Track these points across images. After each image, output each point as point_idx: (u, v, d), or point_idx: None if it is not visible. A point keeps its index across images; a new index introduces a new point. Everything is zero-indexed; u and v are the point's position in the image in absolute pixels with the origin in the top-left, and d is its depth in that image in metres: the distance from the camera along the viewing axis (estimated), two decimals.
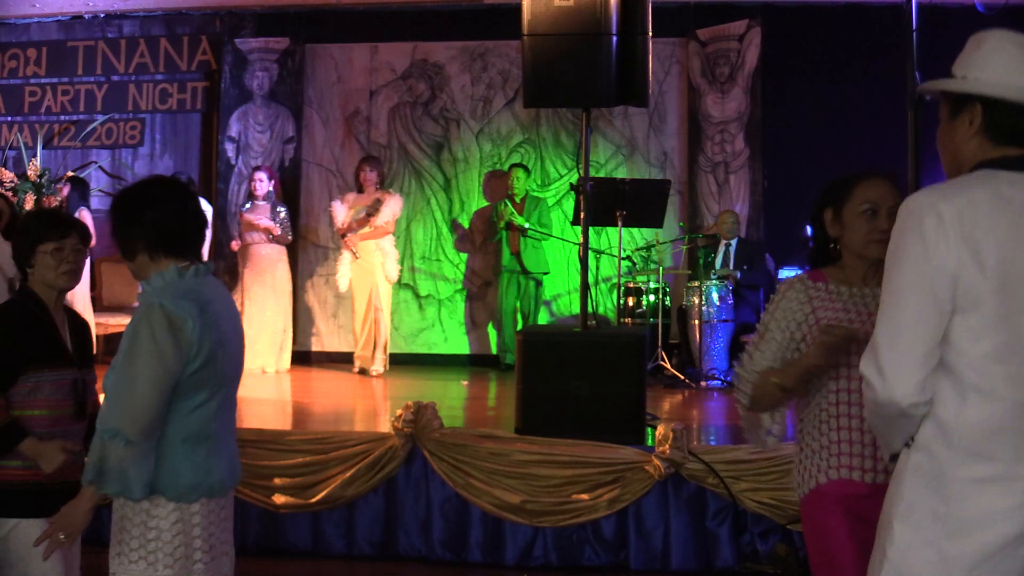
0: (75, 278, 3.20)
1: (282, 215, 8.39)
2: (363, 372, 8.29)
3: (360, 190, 8.39)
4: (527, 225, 8.49)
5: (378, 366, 8.28)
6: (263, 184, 8.42)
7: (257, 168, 8.64)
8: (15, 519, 3.03)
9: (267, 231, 8.26)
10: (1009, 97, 2.03)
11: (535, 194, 8.86)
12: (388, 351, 8.44)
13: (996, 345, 1.95)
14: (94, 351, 3.35)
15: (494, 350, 9.08)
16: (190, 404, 2.60)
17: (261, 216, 8.30)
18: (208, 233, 3.39)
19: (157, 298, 2.56)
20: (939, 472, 1.97)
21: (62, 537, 2.64)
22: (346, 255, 8.31)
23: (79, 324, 3.29)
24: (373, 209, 8.23)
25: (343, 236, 8.31)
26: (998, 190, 1.98)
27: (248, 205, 8.47)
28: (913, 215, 1.99)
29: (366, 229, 8.22)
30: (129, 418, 2.49)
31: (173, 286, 2.60)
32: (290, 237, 8.47)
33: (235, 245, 8.55)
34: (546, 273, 8.76)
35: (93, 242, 9.14)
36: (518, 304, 8.71)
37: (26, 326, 3.09)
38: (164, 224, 2.64)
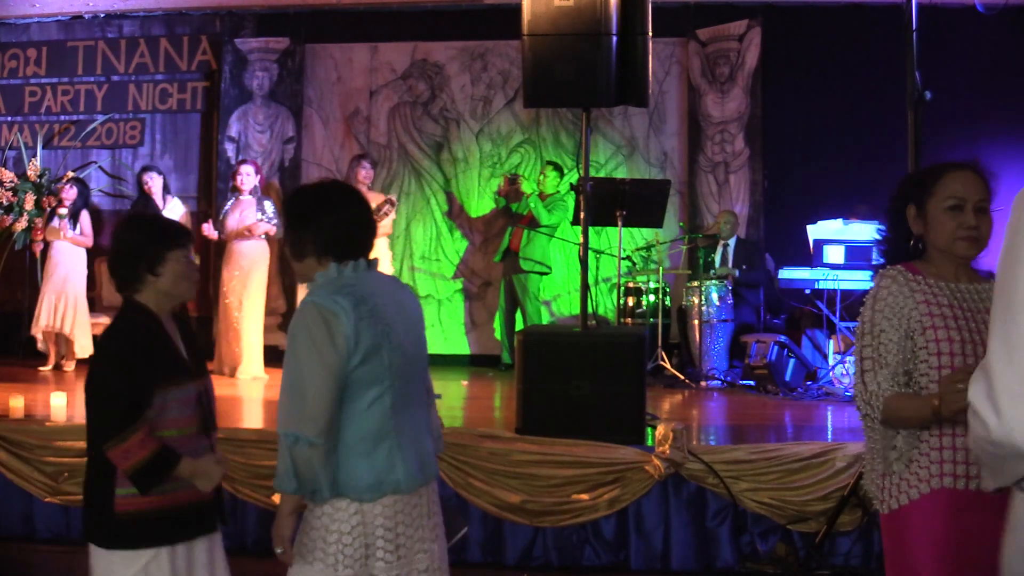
0: (196, 287, 3.10)
1: (268, 209, 8.08)
2: None
3: (367, 189, 8.35)
4: (542, 222, 8.38)
5: None
6: (249, 178, 8.11)
7: (243, 161, 8.41)
8: (153, 549, 2.88)
9: (250, 231, 7.97)
10: None
11: (559, 194, 8.73)
12: None
13: None
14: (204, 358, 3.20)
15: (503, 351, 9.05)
16: (363, 401, 2.61)
17: (247, 210, 8.02)
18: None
19: (312, 297, 2.61)
20: None
21: (280, 551, 2.65)
22: None
23: (190, 332, 3.13)
24: (378, 211, 8.14)
25: None
26: None
27: (232, 200, 8.15)
28: None
29: None
30: (306, 419, 2.52)
31: (331, 283, 2.65)
32: (276, 230, 8.06)
33: (210, 232, 8.11)
34: (548, 270, 8.65)
35: (89, 243, 9.13)
36: (521, 299, 8.61)
37: (150, 343, 2.94)
38: (339, 229, 2.68)
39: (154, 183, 8.55)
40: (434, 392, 3.00)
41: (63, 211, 8.38)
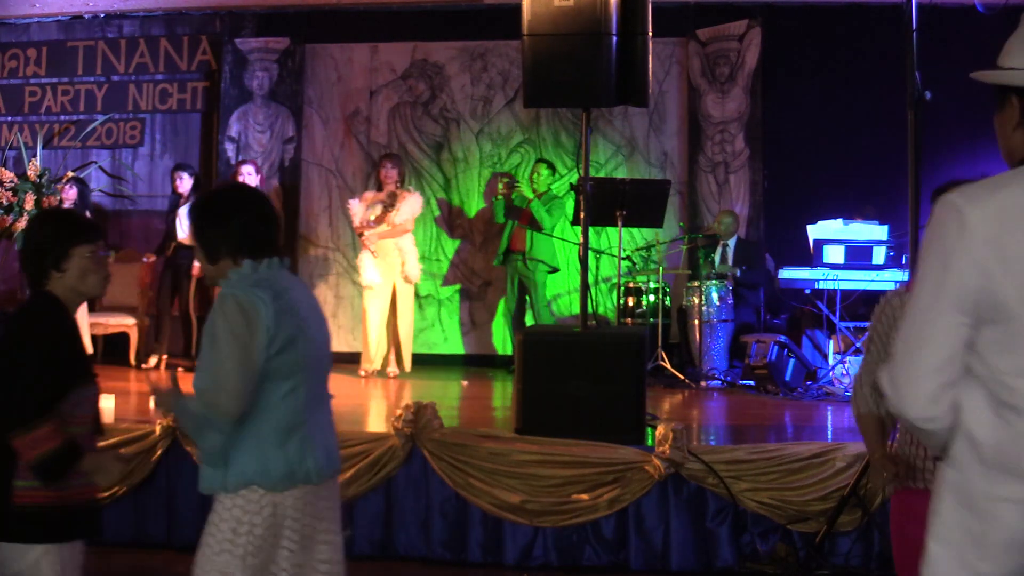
0: (106, 284, 3.07)
1: None
2: (379, 374, 8.15)
3: (379, 188, 8.28)
4: (545, 226, 8.34)
5: (394, 367, 8.17)
6: (250, 178, 8.19)
7: (243, 162, 8.45)
8: (46, 545, 2.82)
9: None
10: None
11: (553, 193, 8.71)
12: (411, 351, 8.35)
13: (1022, 360, 1.83)
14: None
15: (503, 350, 9.03)
16: (278, 393, 2.67)
17: None
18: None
19: (230, 289, 2.67)
20: (972, 489, 1.87)
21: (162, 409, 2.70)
22: (366, 253, 8.14)
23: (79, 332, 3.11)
24: (389, 204, 8.12)
25: (360, 235, 8.18)
26: None
27: None
28: (939, 217, 1.88)
29: (384, 227, 8.11)
30: (220, 404, 2.58)
31: (247, 278, 2.70)
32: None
33: None
34: (557, 269, 8.60)
35: None
36: (531, 293, 8.55)
37: (67, 336, 2.92)
38: (252, 228, 2.75)
39: (182, 182, 8.54)
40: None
41: None
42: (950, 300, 1.84)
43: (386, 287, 8.14)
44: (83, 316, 8.43)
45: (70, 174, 9.14)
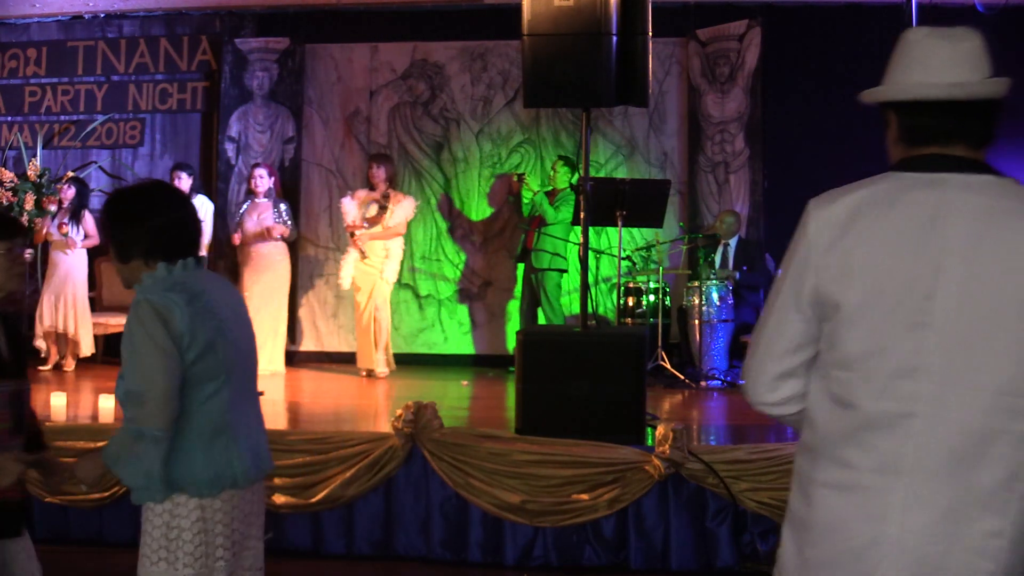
0: (25, 281, 3.01)
1: (284, 212, 8.30)
2: (370, 374, 8.17)
3: (372, 188, 8.31)
4: (548, 220, 8.33)
5: (381, 367, 8.21)
6: (263, 181, 8.31)
7: (256, 165, 8.53)
8: None
9: (269, 232, 8.13)
10: (906, 97, 1.95)
11: (568, 191, 8.68)
12: (390, 351, 8.40)
13: (854, 354, 1.87)
14: (27, 359, 3.10)
15: (507, 350, 9.04)
16: (200, 396, 2.61)
17: (264, 213, 8.20)
18: (207, 232, 3.36)
19: (144, 294, 2.60)
20: (807, 475, 1.94)
21: (84, 488, 2.66)
22: (352, 253, 8.20)
23: (14, 330, 3.00)
24: (383, 206, 8.13)
25: (352, 234, 8.21)
26: (888, 192, 1.89)
27: (247, 204, 8.36)
28: (802, 218, 1.99)
29: (377, 229, 8.13)
30: (149, 414, 2.52)
31: (161, 282, 2.63)
32: (293, 233, 8.40)
33: (237, 239, 8.38)
34: (563, 269, 8.53)
35: (96, 242, 9.16)
36: (539, 297, 8.55)
37: None
38: (168, 230, 2.67)
39: (181, 182, 8.56)
40: (258, 389, 2.99)
41: (66, 229, 8.36)
42: (788, 296, 1.95)
43: (369, 288, 8.19)
44: (86, 315, 8.43)
45: (70, 174, 9.15)
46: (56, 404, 5.66)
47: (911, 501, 1.83)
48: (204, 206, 8.73)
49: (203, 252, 2.83)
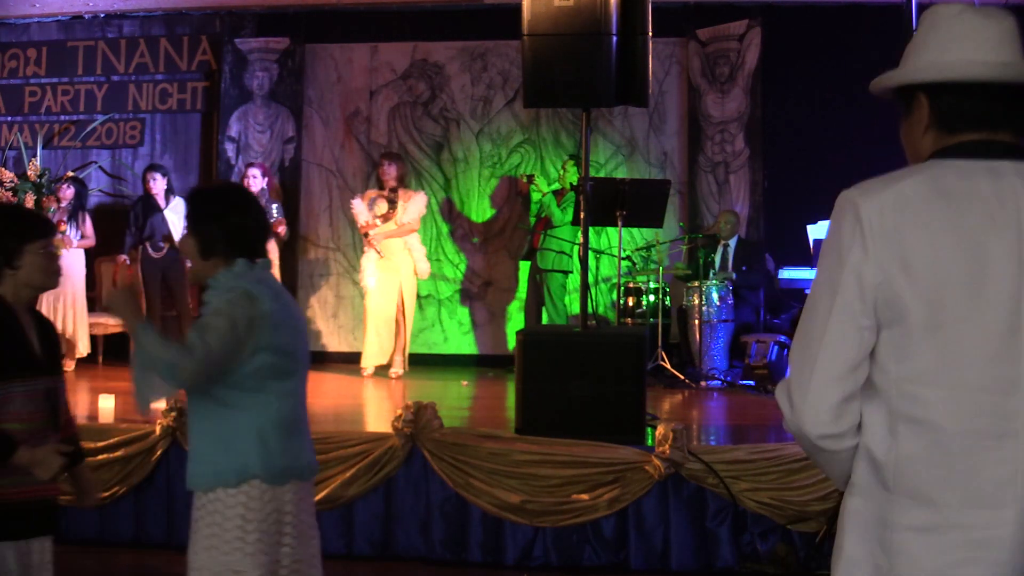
0: (59, 279, 3.06)
1: (276, 212, 8.20)
2: (378, 371, 8.11)
3: (381, 187, 8.26)
4: (555, 221, 8.33)
5: (398, 368, 8.16)
6: (256, 181, 8.23)
7: (250, 164, 8.48)
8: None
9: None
10: (946, 78, 1.71)
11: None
12: (407, 351, 8.37)
13: (927, 364, 1.64)
14: (63, 356, 3.16)
15: (507, 350, 9.04)
16: (283, 390, 2.75)
17: None
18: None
19: (234, 283, 2.72)
20: (879, 519, 1.67)
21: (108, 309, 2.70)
22: (370, 253, 8.12)
23: (46, 328, 3.06)
24: (392, 202, 8.07)
25: (365, 235, 8.15)
26: (938, 181, 1.67)
27: None
28: (835, 214, 1.73)
29: (391, 226, 8.09)
30: (193, 363, 2.61)
31: (247, 276, 2.76)
32: (284, 233, 8.31)
33: None
34: (567, 270, 8.49)
35: (92, 243, 9.13)
36: (544, 298, 8.55)
37: (5, 332, 2.87)
38: (248, 229, 2.80)
39: (156, 184, 8.51)
40: None
41: (64, 227, 8.36)
42: (849, 299, 1.67)
43: (392, 287, 8.13)
44: (83, 314, 8.43)
45: (70, 174, 9.15)
46: None
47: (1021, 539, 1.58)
48: (180, 209, 8.61)
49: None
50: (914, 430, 1.64)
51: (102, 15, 9.78)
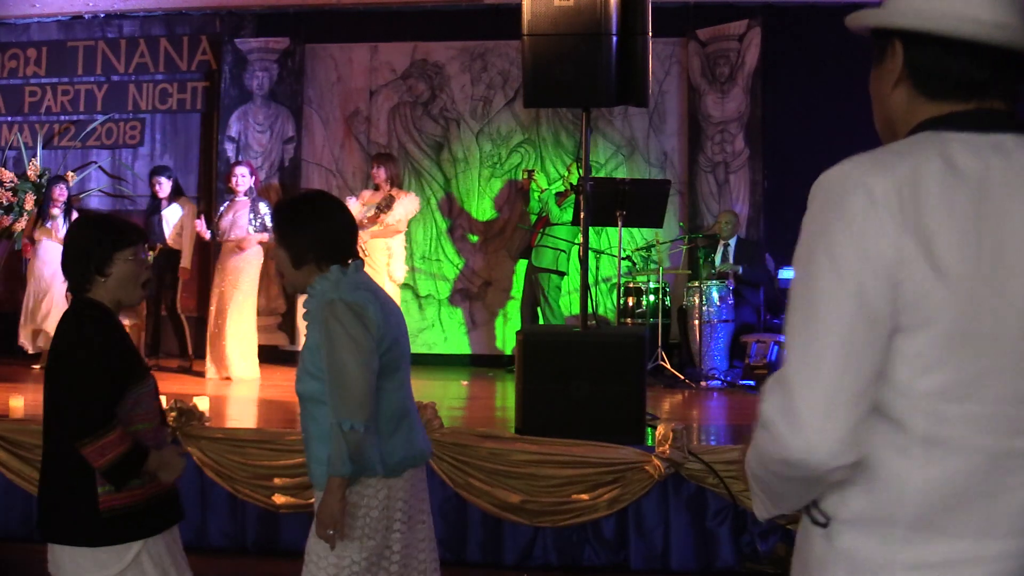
0: (148, 287, 3.10)
1: (262, 212, 7.97)
2: None
3: (376, 188, 8.24)
4: (553, 219, 8.33)
5: None
6: (245, 180, 8.07)
7: (237, 163, 8.37)
8: (140, 542, 2.87)
9: (239, 246, 7.89)
10: (928, 29, 1.45)
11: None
12: None
13: (956, 376, 1.39)
14: None
15: (506, 350, 9.04)
16: (392, 384, 2.85)
17: (240, 212, 7.96)
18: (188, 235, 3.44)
19: (331, 295, 2.77)
20: (880, 561, 1.43)
21: (332, 533, 2.71)
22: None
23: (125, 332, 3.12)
24: (384, 205, 8.07)
25: None
26: (950, 159, 1.41)
27: (227, 202, 8.12)
28: (831, 195, 1.45)
29: (376, 227, 8.08)
30: (356, 406, 2.69)
31: (343, 281, 2.81)
32: (269, 237, 8.27)
33: (199, 225, 8.09)
34: (562, 271, 8.50)
35: None
36: (538, 298, 8.56)
37: (117, 340, 2.93)
38: (337, 234, 2.87)
39: (161, 187, 8.53)
40: None
41: (56, 211, 8.37)
42: (866, 297, 1.38)
43: None
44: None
45: (71, 175, 9.15)
46: None
47: None
48: (175, 213, 8.55)
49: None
50: (933, 453, 1.41)
51: (102, 15, 9.79)
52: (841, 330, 1.37)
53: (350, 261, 2.89)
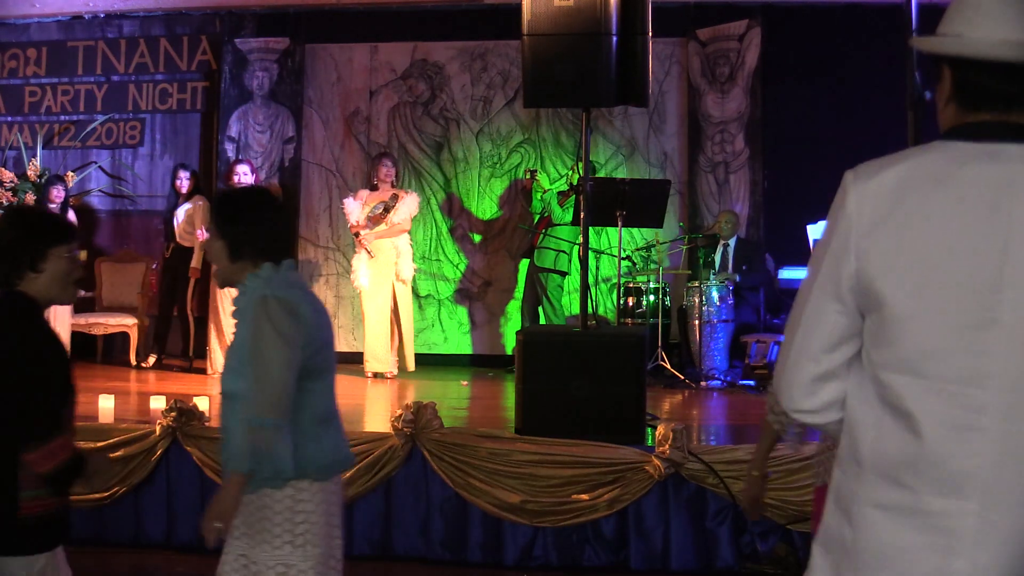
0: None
1: None
2: (378, 376, 8.06)
3: (374, 187, 8.22)
4: (555, 219, 8.34)
5: (393, 368, 8.09)
6: (246, 177, 8.08)
7: (238, 161, 8.38)
8: (48, 552, 2.78)
9: None
10: (969, 54, 1.67)
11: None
12: (412, 349, 8.31)
13: (902, 353, 1.63)
14: None
15: (507, 350, 9.04)
16: (321, 386, 2.78)
17: None
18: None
19: (264, 291, 2.71)
20: (851, 493, 1.68)
21: (219, 525, 2.64)
22: (362, 254, 8.08)
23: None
24: (390, 205, 8.06)
25: (356, 235, 8.10)
26: (939, 165, 1.64)
27: None
28: (838, 192, 1.72)
29: (382, 227, 8.05)
30: (271, 404, 2.63)
31: (276, 279, 2.76)
32: None
33: (200, 235, 8.09)
34: (563, 271, 8.49)
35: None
36: (540, 297, 8.55)
37: (49, 338, 2.82)
38: (274, 232, 2.82)
39: (181, 182, 8.55)
40: None
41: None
42: (825, 284, 1.69)
43: (385, 287, 8.12)
44: (64, 313, 8.42)
45: (71, 175, 9.15)
46: None
47: (984, 532, 1.57)
48: (185, 209, 8.56)
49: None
50: (890, 414, 1.65)
51: (102, 15, 9.78)
52: (809, 304, 1.72)
53: (290, 259, 2.84)
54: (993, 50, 1.65)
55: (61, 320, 8.37)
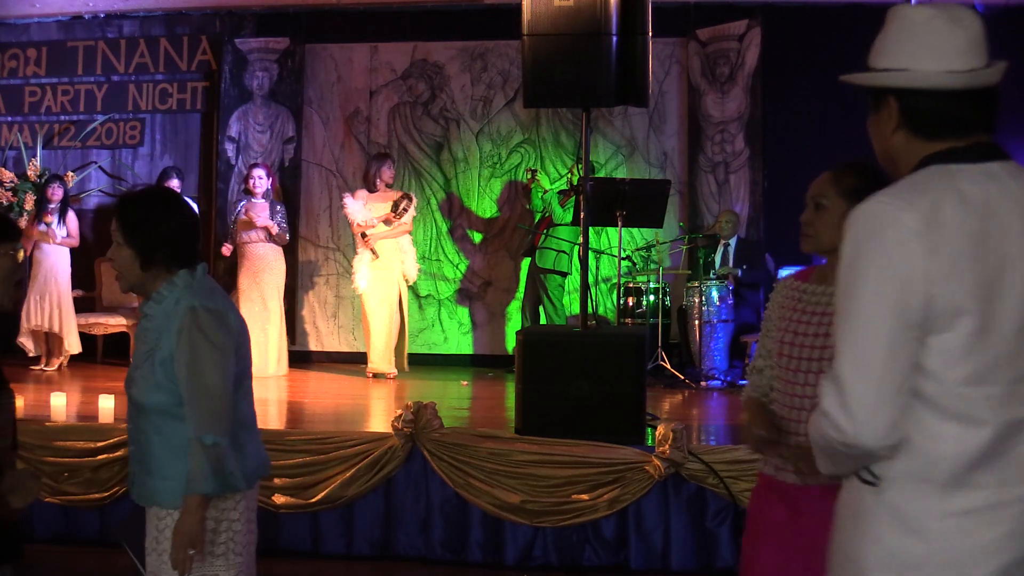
0: (20, 286, 2.87)
1: (280, 214, 8.17)
2: (379, 376, 8.05)
3: (371, 188, 8.19)
4: (555, 219, 8.35)
5: (393, 368, 8.10)
6: (262, 181, 8.17)
7: (255, 165, 8.42)
8: None
9: (265, 229, 8.00)
10: (919, 86, 1.82)
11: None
12: (406, 352, 8.34)
13: (976, 366, 1.74)
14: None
15: (507, 350, 9.04)
16: (240, 392, 2.67)
17: (261, 214, 8.08)
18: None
19: (189, 300, 2.58)
20: (920, 511, 1.76)
21: (193, 552, 2.53)
22: (364, 254, 8.06)
23: None
24: (398, 206, 8.05)
25: (363, 235, 8.05)
26: (960, 189, 1.76)
27: (243, 203, 8.18)
28: (870, 225, 1.76)
29: (384, 228, 8.08)
30: (217, 420, 2.54)
31: (194, 286, 2.62)
32: (287, 237, 8.25)
33: (226, 250, 8.25)
34: (564, 272, 8.49)
35: (75, 243, 9.10)
36: (541, 297, 8.56)
37: None
38: (183, 237, 2.65)
39: (172, 183, 8.60)
40: None
41: (51, 219, 8.36)
42: (904, 311, 1.73)
43: (390, 287, 8.11)
44: (70, 312, 8.41)
45: (71, 175, 9.15)
46: (56, 404, 5.67)
47: None
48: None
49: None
50: (961, 426, 1.76)
51: (102, 15, 9.78)
52: (883, 338, 1.73)
53: (202, 263, 2.71)
54: (942, 80, 1.80)
55: (67, 316, 8.38)
